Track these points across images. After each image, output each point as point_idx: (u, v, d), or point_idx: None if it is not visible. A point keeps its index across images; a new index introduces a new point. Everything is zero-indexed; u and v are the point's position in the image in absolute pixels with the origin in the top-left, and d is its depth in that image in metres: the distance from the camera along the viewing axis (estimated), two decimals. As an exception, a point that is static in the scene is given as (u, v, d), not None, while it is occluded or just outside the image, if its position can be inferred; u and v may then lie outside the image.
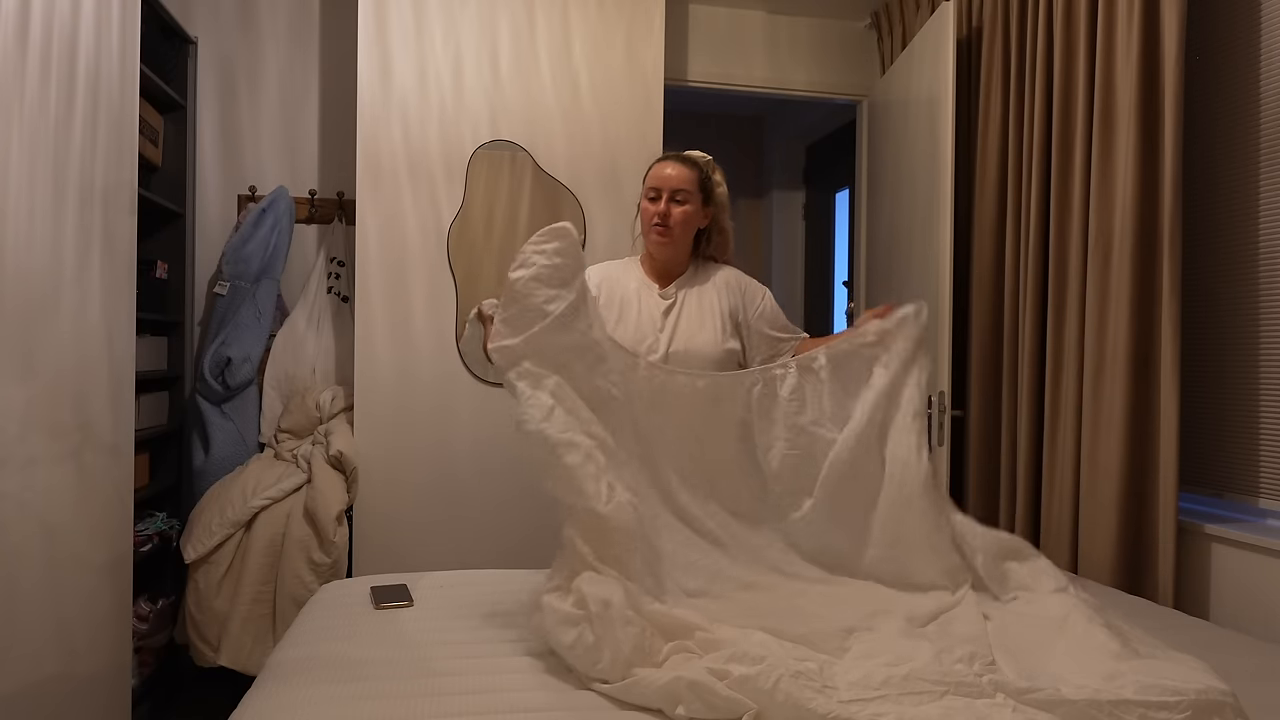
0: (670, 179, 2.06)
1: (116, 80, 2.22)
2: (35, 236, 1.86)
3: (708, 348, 2.03)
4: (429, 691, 1.33)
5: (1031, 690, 1.22)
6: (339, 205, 3.36)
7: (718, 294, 2.10)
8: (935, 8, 3.00)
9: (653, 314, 2.06)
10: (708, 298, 2.09)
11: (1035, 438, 2.57)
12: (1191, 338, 2.29)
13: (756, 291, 2.14)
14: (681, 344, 2.03)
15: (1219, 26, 2.27)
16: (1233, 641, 1.72)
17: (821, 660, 1.30)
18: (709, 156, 2.17)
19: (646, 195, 2.09)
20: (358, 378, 2.89)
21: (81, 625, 2.09)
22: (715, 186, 2.14)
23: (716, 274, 2.14)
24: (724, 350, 2.05)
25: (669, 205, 2.06)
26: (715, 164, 2.18)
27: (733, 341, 2.07)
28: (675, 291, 2.10)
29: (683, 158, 2.11)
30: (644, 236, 2.12)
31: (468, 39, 2.96)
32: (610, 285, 2.10)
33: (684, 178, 2.07)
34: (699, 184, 2.09)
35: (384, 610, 1.72)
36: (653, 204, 2.07)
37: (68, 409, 2.01)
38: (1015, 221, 2.70)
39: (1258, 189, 2.15)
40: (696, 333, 2.04)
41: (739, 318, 2.10)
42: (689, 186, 2.07)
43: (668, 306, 2.08)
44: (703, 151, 2.19)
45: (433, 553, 2.85)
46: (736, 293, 2.12)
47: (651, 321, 2.05)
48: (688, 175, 2.07)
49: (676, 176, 2.06)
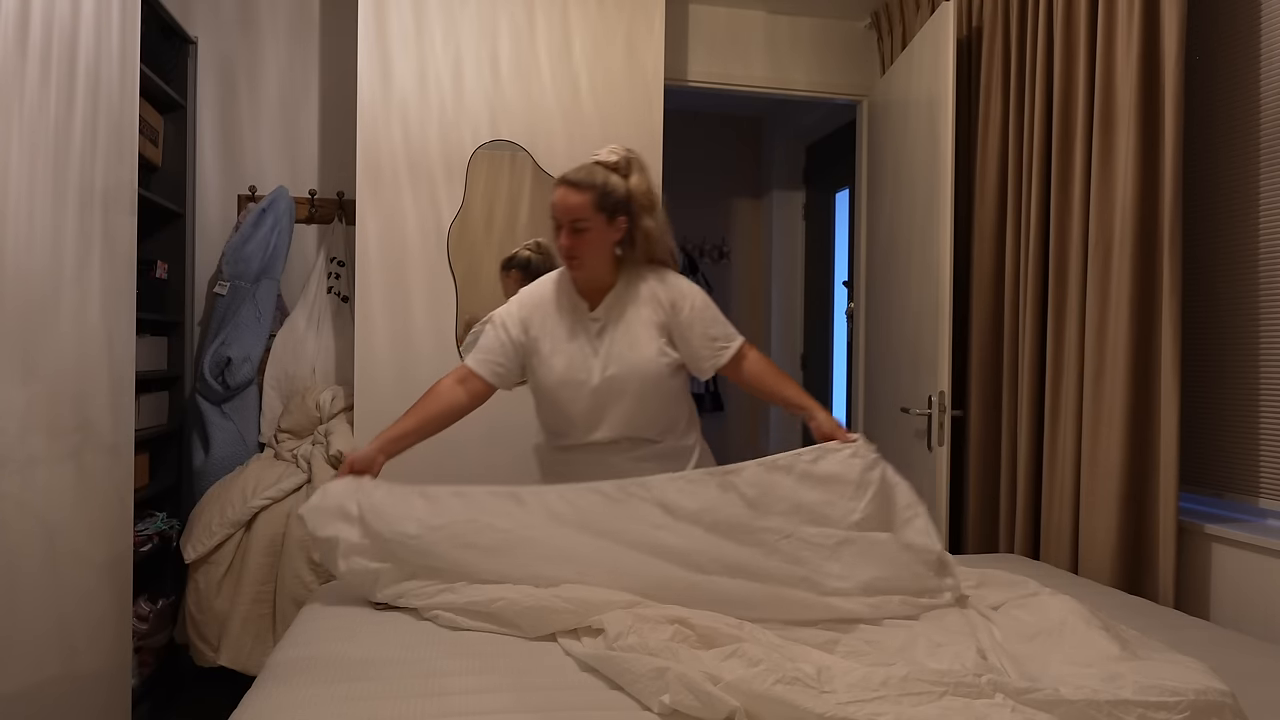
0: (563, 209, 1.94)
1: (116, 80, 2.22)
2: (35, 236, 1.86)
3: (644, 364, 1.98)
4: (429, 691, 1.33)
5: (1030, 690, 1.22)
6: (339, 205, 3.36)
7: (648, 309, 2.00)
8: (935, 8, 3.00)
9: (584, 341, 2.00)
10: (639, 314, 2.00)
11: (1035, 438, 2.57)
12: (1191, 338, 2.29)
13: (683, 302, 2.00)
14: (616, 367, 1.97)
15: (1219, 26, 2.27)
16: (1233, 641, 1.72)
17: (819, 664, 1.30)
18: (614, 158, 1.98)
19: (553, 225, 1.97)
20: (358, 378, 2.89)
21: (81, 625, 2.09)
22: (621, 194, 1.95)
23: (645, 285, 2.02)
24: (661, 365, 1.99)
25: (570, 238, 1.94)
26: (627, 161, 1.99)
27: (669, 353, 2.01)
28: (605, 313, 2.01)
29: (574, 182, 1.94)
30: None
31: (468, 39, 2.96)
32: (541, 316, 2.03)
33: (577, 205, 1.92)
34: (595, 204, 1.93)
35: (384, 610, 1.72)
36: (558, 234, 1.96)
37: (68, 409, 2.01)
38: (1015, 222, 2.70)
39: (1258, 189, 2.15)
40: (628, 352, 1.98)
41: (670, 330, 2.01)
42: (584, 213, 1.92)
43: (599, 329, 2.00)
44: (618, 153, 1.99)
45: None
46: (664, 306, 2.00)
47: (583, 350, 2.00)
48: (580, 201, 1.92)
49: (568, 205, 1.93)
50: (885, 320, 3.36)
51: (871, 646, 1.45)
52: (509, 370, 2.06)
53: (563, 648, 1.50)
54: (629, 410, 2.00)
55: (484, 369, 2.04)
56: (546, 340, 2.02)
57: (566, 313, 2.03)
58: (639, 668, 1.31)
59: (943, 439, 2.78)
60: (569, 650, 1.48)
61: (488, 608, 1.59)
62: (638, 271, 2.03)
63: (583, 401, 2.00)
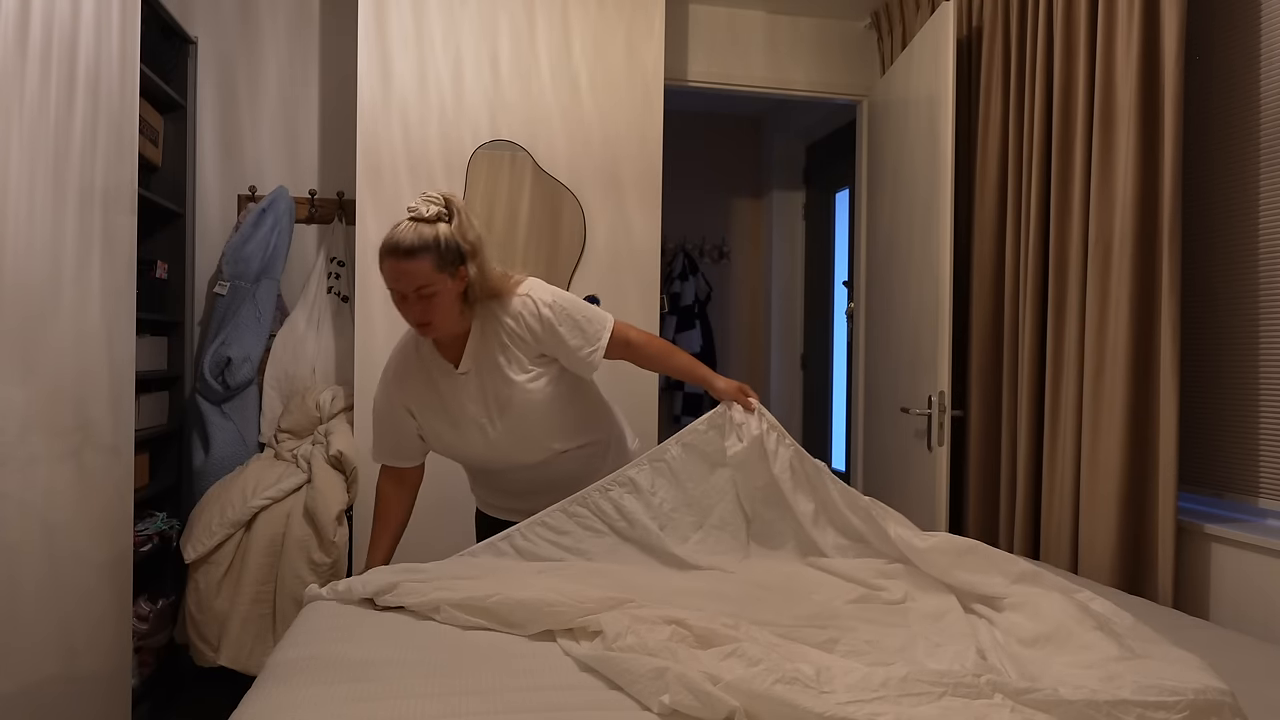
0: (405, 280, 1.78)
1: (116, 80, 2.22)
2: (35, 236, 1.86)
3: (529, 396, 1.92)
4: (429, 692, 1.33)
5: (1030, 691, 1.22)
6: (339, 205, 3.36)
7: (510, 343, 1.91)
8: (935, 8, 3.00)
9: (464, 400, 1.93)
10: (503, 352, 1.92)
11: (1035, 438, 2.57)
12: (1191, 338, 2.29)
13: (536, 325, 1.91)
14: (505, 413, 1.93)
15: (1219, 26, 2.27)
16: (1233, 641, 1.72)
17: (818, 664, 1.30)
18: (434, 209, 1.80)
19: (391, 295, 1.83)
20: (358, 378, 2.89)
21: (81, 625, 2.09)
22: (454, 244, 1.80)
23: (495, 321, 1.92)
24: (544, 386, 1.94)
25: (419, 306, 1.81)
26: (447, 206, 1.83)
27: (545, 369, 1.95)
28: (470, 363, 1.92)
29: (406, 249, 1.76)
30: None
31: (467, 39, 2.96)
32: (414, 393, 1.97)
33: (417, 272, 1.76)
34: (436, 266, 1.77)
35: (384, 610, 1.72)
36: (403, 304, 1.82)
37: (68, 409, 2.02)
38: (1015, 221, 2.70)
39: (1257, 189, 2.15)
40: (509, 394, 1.91)
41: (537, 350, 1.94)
42: (427, 278, 1.77)
43: (471, 383, 1.93)
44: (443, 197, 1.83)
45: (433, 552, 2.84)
46: (522, 338, 1.92)
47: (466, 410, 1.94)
48: (418, 268, 1.76)
49: (408, 275, 1.77)
50: (885, 320, 3.36)
51: (871, 646, 1.45)
52: (421, 447, 2.06)
53: (562, 648, 1.50)
54: (536, 439, 1.99)
55: (405, 460, 2.05)
56: (428, 413, 1.97)
57: (435, 378, 1.95)
58: (638, 668, 1.31)
59: (943, 439, 2.78)
60: (568, 650, 1.48)
61: (483, 603, 1.59)
62: (486, 309, 1.92)
63: (487, 452, 1.99)
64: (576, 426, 2.05)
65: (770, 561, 1.91)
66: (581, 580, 1.68)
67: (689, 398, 5.16)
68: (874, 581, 1.76)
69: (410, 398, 1.98)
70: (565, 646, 1.50)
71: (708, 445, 2.02)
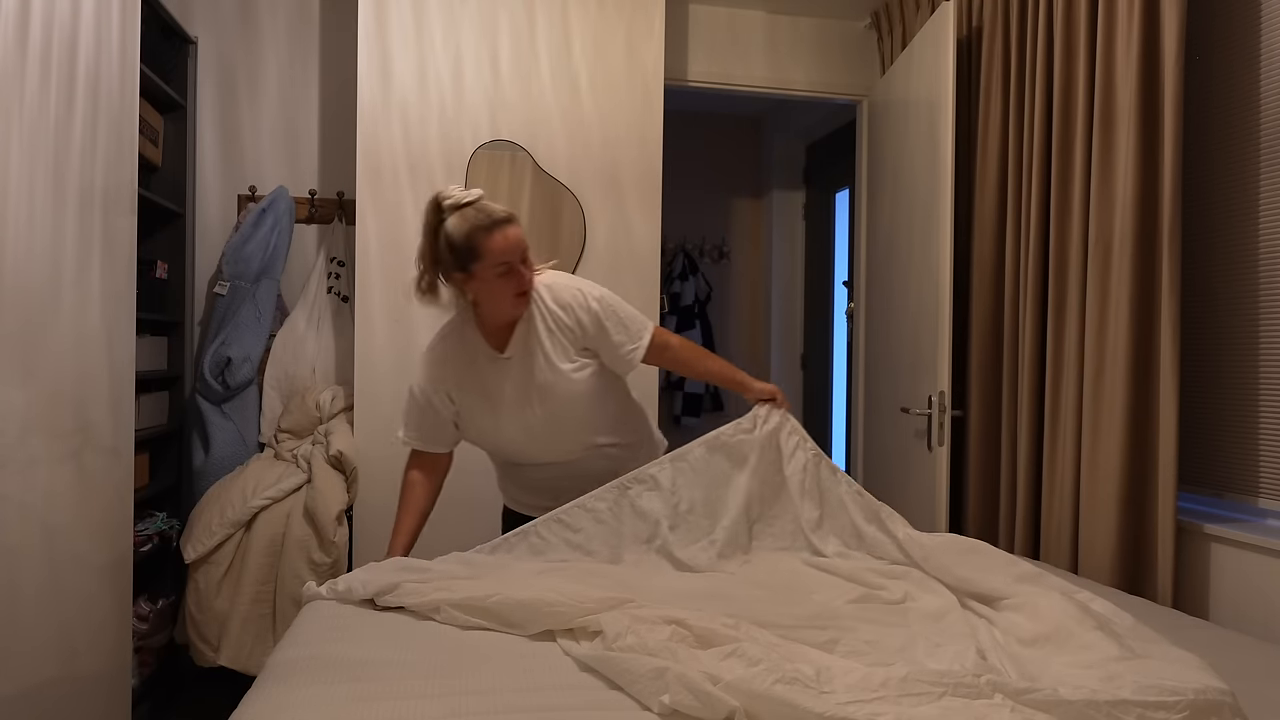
0: (517, 245, 1.85)
1: (116, 80, 2.22)
2: (35, 237, 1.86)
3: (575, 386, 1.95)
4: (429, 692, 1.33)
5: (1030, 691, 1.22)
6: (339, 205, 3.36)
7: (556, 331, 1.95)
8: (935, 8, 3.00)
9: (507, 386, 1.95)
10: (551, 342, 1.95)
11: (1035, 438, 2.57)
12: (1191, 338, 2.29)
13: (583, 317, 1.95)
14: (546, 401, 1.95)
15: (1219, 26, 2.27)
16: (1233, 641, 1.72)
17: (818, 664, 1.30)
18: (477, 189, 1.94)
19: (495, 271, 1.84)
20: (358, 378, 2.90)
21: (82, 625, 2.09)
22: None
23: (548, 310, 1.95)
24: (589, 379, 1.97)
25: (522, 271, 1.87)
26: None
27: (588, 361, 1.98)
28: (516, 349, 1.95)
29: (508, 217, 1.86)
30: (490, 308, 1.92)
31: (468, 39, 2.96)
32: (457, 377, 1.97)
33: (522, 236, 1.87)
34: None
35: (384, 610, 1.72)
36: (508, 277, 1.85)
37: (68, 410, 2.02)
38: (1015, 222, 2.70)
39: (1257, 189, 2.15)
40: (551, 381, 1.94)
41: (581, 344, 1.98)
42: (525, 242, 1.88)
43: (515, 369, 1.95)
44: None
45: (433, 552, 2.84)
46: (573, 330, 1.96)
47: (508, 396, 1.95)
48: (521, 232, 1.88)
49: (519, 239, 1.86)
50: (885, 320, 3.36)
51: (871, 647, 1.45)
52: (454, 435, 2.07)
53: (562, 648, 1.50)
54: (573, 431, 2.01)
55: (435, 445, 2.05)
56: (468, 398, 1.98)
57: (479, 362, 1.97)
58: (638, 668, 1.31)
59: (943, 439, 2.78)
60: (568, 650, 1.48)
61: (483, 603, 1.59)
62: (536, 297, 1.96)
63: (524, 441, 2.01)
64: (613, 423, 2.07)
65: (770, 561, 1.91)
66: (581, 580, 1.68)
67: (689, 398, 5.16)
68: (874, 581, 1.76)
69: (451, 380, 1.99)
70: (565, 646, 1.50)
71: (732, 450, 2.02)
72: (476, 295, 1.90)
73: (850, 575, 1.80)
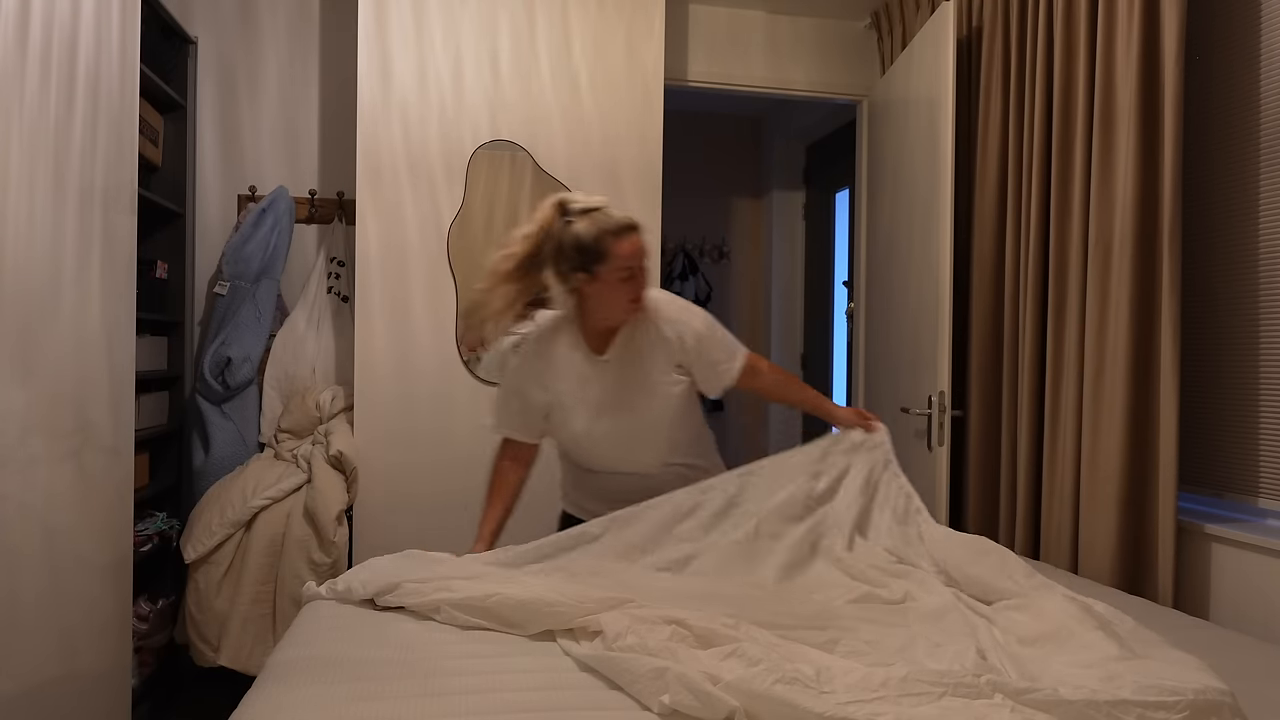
0: (643, 250, 1.90)
1: (116, 80, 2.22)
2: (35, 237, 1.86)
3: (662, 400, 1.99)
4: (429, 691, 1.33)
5: (1030, 691, 1.22)
6: (339, 205, 3.36)
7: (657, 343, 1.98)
8: (935, 8, 3.00)
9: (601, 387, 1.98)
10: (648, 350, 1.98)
11: (1035, 438, 2.57)
12: (1191, 338, 2.29)
13: (686, 332, 1.99)
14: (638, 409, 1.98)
15: (1219, 26, 2.27)
16: (1233, 641, 1.72)
17: (818, 664, 1.30)
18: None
19: (618, 275, 1.87)
20: (358, 378, 2.90)
21: (82, 625, 2.09)
22: None
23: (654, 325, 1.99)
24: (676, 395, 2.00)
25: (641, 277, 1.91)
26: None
27: (680, 379, 2.01)
28: (616, 354, 1.98)
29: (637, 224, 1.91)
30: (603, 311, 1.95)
31: (468, 39, 2.96)
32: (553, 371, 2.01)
33: (645, 243, 1.91)
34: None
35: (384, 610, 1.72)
36: (629, 283, 1.89)
37: (68, 410, 2.02)
38: (1015, 222, 2.70)
39: (1257, 189, 2.15)
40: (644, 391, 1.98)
41: (679, 359, 2.00)
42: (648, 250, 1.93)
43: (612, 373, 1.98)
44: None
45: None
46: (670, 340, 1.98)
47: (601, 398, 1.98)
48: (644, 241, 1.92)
49: (644, 245, 1.90)
50: (885, 320, 3.36)
51: (871, 647, 1.45)
52: (543, 426, 2.09)
53: (562, 648, 1.50)
54: (654, 442, 2.04)
55: (527, 435, 2.08)
56: (561, 391, 2.01)
57: (576, 359, 2.00)
58: (638, 668, 1.32)
59: (943, 439, 2.78)
60: (568, 650, 1.48)
61: (483, 603, 1.60)
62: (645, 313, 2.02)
63: (606, 445, 2.03)
64: (690, 444, 2.10)
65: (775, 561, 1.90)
66: (581, 580, 1.68)
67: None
68: (874, 578, 1.76)
69: (548, 371, 2.01)
70: (565, 646, 1.50)
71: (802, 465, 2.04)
72: (593, 297, 1.93)
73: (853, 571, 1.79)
